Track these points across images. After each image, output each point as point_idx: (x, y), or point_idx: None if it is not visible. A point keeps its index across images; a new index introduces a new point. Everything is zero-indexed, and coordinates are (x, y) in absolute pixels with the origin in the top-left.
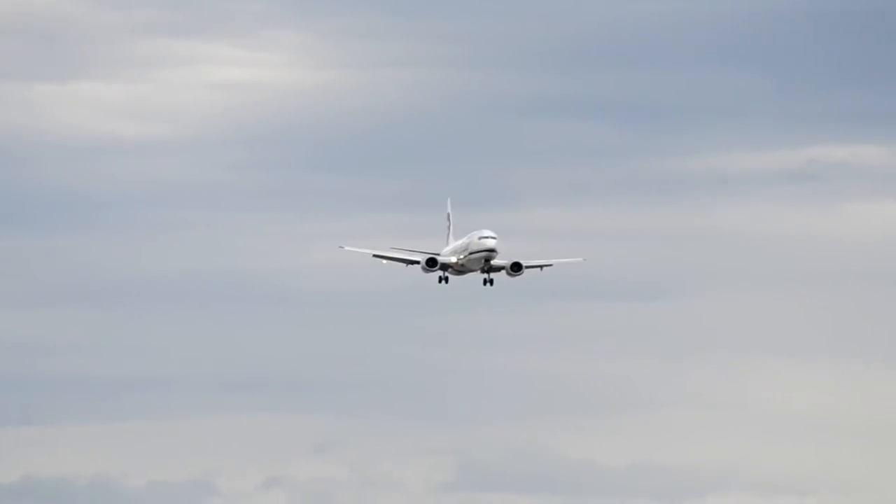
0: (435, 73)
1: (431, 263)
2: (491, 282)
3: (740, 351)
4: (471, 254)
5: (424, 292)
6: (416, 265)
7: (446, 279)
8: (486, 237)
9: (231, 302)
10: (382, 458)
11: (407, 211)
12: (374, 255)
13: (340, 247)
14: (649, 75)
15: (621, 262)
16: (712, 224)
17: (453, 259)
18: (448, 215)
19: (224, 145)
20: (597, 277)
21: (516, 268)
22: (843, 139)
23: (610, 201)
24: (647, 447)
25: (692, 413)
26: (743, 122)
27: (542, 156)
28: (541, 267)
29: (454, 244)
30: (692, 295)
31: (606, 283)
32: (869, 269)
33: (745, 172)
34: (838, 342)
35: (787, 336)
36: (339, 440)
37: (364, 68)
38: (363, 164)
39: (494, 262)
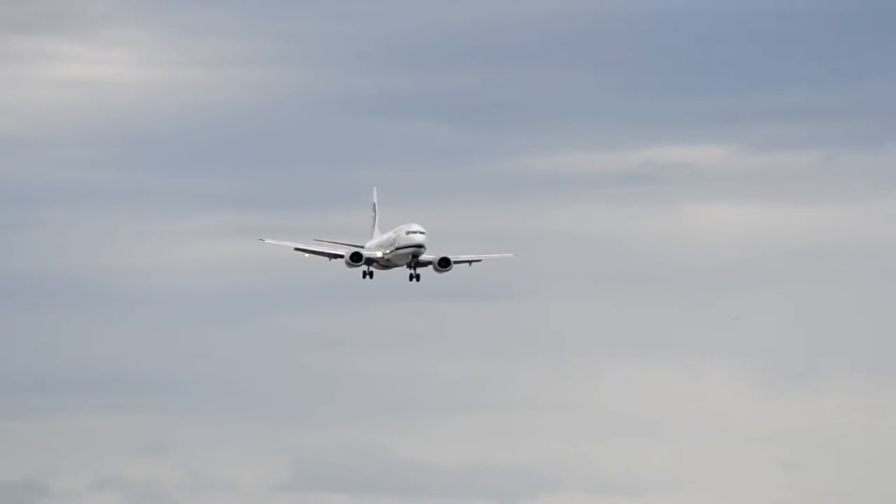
0: (276, 71)
1: (356, 258)
2: (417, 277)
3: (576, 352)
4: (398, 249)
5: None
6: (339, 259)
7: (371, 274)
8: (414, 232)
9: (69, 301)
10: (218, 459)
11: (248, 210)
12: (296, 249)
13: (261, 239)
14: (486, 75)
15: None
16: (549, 225)
17: (379, 254)
18: (373, 205)
19: (66, 142)
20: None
21: (444, 263)
22: (680, 140)
23: (448, 201)
24: (483, 447)
25: (527, 413)
26: (580, 122)
27: (381, 155)
28: (469, 262)
29: (379, 238)
30: (528, 296)
31: (441, 285)
32: (705, 270)
33: (582, 173)
34: (672, 343)
35: (623, 337)
36: (174, 441)
37: (206, 66)
38: (204, 162)
39: (422, 257)
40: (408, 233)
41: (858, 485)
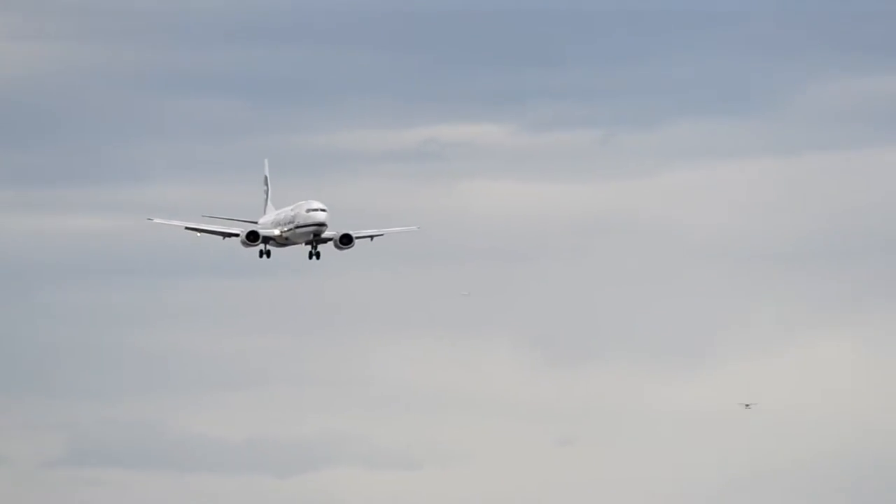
0: (57, 46)
1: (252, 237)
2: (317, 255)
3: (353, 328)
4: (297, 227)
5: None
6: (234, 238)
7: (268, 253)
8: (316, 209)
9: None
10: None
11: (33, 186)
12: (187, 228)
13: (149, 219)
14: (268, 52)
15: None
16: (329, 200)
17: (276, 231)
18: (266, 178)
19: None
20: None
21: (346, 240)
22: (461, 118)
23: (230, 177)
24: (259, 423)
25: (304, 389)
26: (360, 99)
27: (165, 131)
28: (371, 237)
29: (276, 214)
30: (308, 273)
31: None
32: (487, 246)
33: (363, 150)
34: (452, 319)
35: (403, 314)
36: None
37: None
38: None
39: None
40: (308, 210)
41: (634, 461)
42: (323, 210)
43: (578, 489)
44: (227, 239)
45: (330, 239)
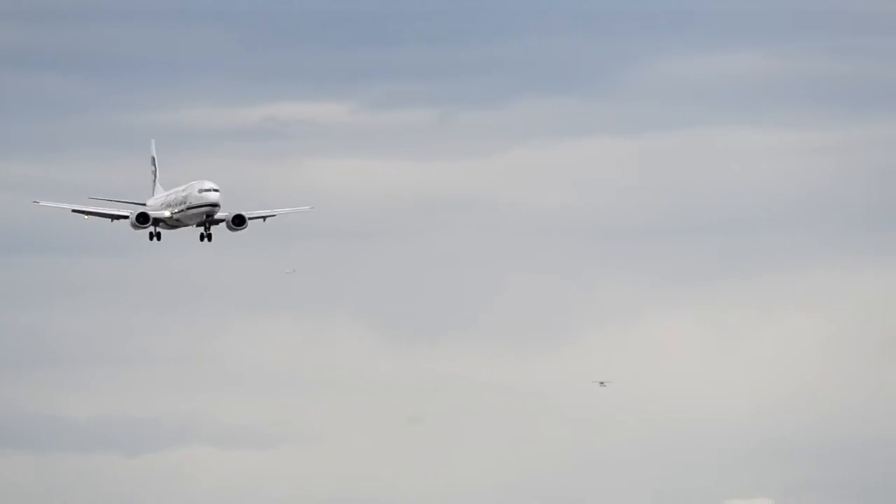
0: None
1: (142, 219)
2: (209, 237)
3: (203, 306)
4: (189, 208)
5: None
6: (123, 220)
7: (158, 235)
8: (208, 190)
9: None
10: None
11: None
12: (74, 210)
13: (35, 202)
14: (112, 29)
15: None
16: (169, 178)
17: (167, 213)
18: (153, 159)
19: None
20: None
21: (239, 221)
22: (301, 96)
23: (79, 155)
24: (112, 401)
25: (154, 367)
26: (201, 77)
27: (10, 108)
28: (264, 218)
29: (165, 196)
30: (156, 252)
31: (60, 239)
32: (328, 225)
33: (204, 128)
34: (299, 297)
35: (249, 292)
36: None
37: None
38: None
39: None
40: (200, 191)
41: (484, 438)
42: (216, 190)
43: (429, 467)
44: (115, 221)
45: (222, 220)
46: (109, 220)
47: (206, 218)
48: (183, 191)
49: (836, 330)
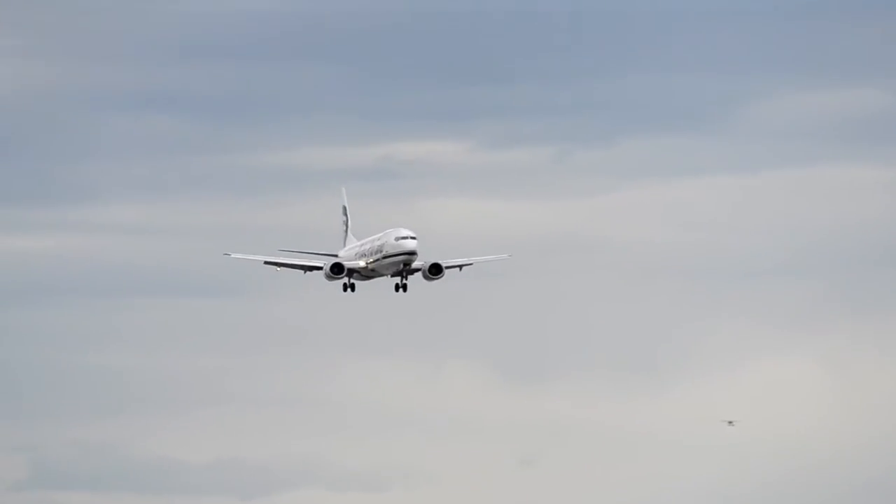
0: (12, 63)
1: (337, 270)
2: (405, 287)
3: (315, 349)
4: (385, 257)
5: None
6: (316, 271)
7: (352, 287)
8: (405, 237)
9: None
10: None
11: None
12: (266, 263)
13: (226, 254)
14: (225, 70)
15: (201, 258)
16: (288, 220)
17: (362, 263)
18: (344, 208)
19: None
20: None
21: (436, 270)
22: (417, 136)
23: (188, 196)
24: (226, 444)
25: (268, 410)
26: (317, 116)
27: (116, 150)
28: (460, 267)
29: (358, 245)
30: (270, 292)
31: (190, 278)
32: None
33: (320, 168)
34: (412, 340)
35: (362, 334)
36: None
37: None
38: None
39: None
40: (397, 239)
41: (594, 480)
42: (413, 238)
43: None
44: (307, 273)
45: (418, 270)
46: (302, 271)
47: (402, 267)
48: (378, 239)
49: None
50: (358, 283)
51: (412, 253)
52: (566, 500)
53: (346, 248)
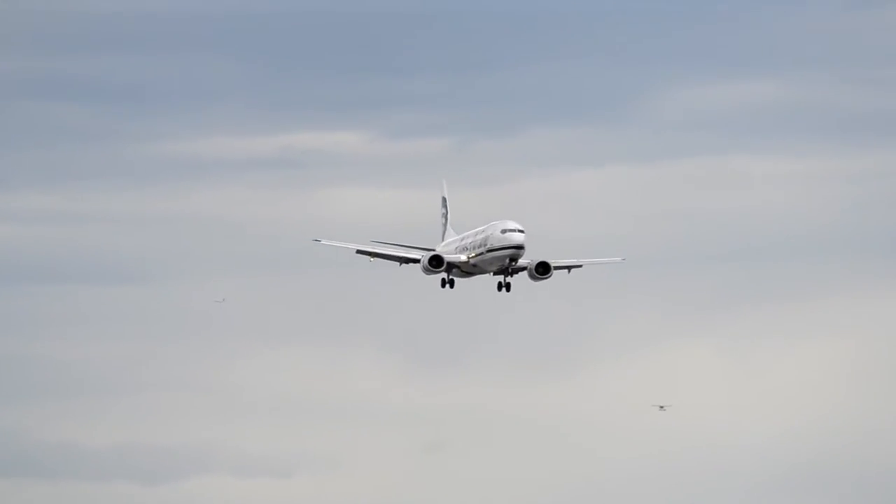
0: None
1: (436, 263)
2: (507, 286)
3: (218, 335)
4: (489, 251)
5: None
6: (413, 263)
7: (451, 282)
8: (512, 230)
9: None
10: None
11: None
12: (359, 252)
13: (316, 240)
14: (130, 59)
15: (103, 245)
16: (190, 209)
17: (463, 257)
18: (443, 200)
19: None
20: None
21: (543, 269)
22: (318, 126)
23: (90, 185)
24: (128, 429)
25: (171, 395)
26: (220, 107)
27: (21, 137)
28: (569, 268)
29: (459, 238)
30: (170, 279)
31: (89, 266)
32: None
33: (223, 157)
34: (313, 326)
35: (265, 321)
36: None
37: None
38: None
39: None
40: (503, 231)
41: (497, 466)
42: (521, 231)
43: (445, 495)
44: (403, 265)
45: (524, 268)
46: (398, 263)
47: (508, 262)
48: (482, 232)
49: (857, 357)
50: (457, 280)
51: (519, 247)
52: (477, 485)
53: (445, 242)
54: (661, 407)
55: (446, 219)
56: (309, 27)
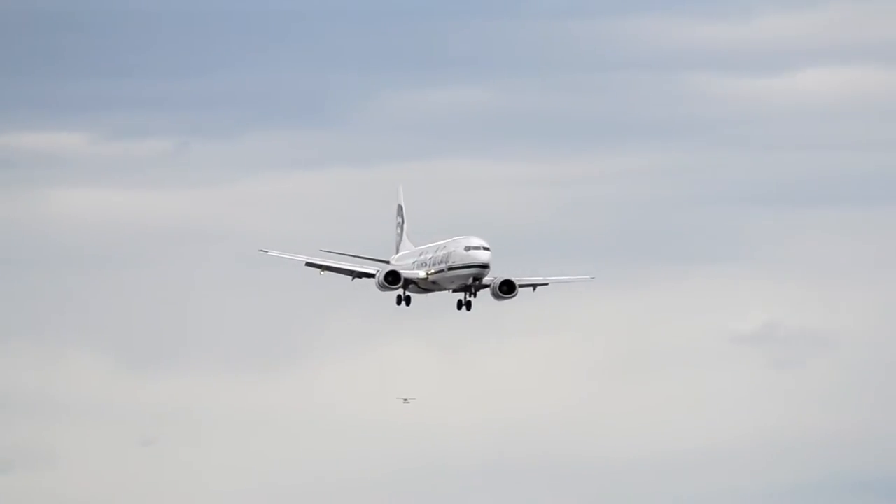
0: None
1: (392, 279)
2: (468, 305)
3: None
4: (450, 269)
5: None
6: (367, 278)
7: (407, 300)
8: (476, 248)
9: None
10: None
11: None
12: (308, 264)
13: (262, 251)
14: None
15: None
16: None
17: (422, 273)
18: (400, 208)
19: None
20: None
21: (508, 288)
22: (38, 127)
23: None
24: None
25: None
26: None
27: None
28: (534, 286)
29: (417, 251)
30: None
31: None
32: (74, 254)
33: None
34: (37, 326)
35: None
36: None
37: None
38: None
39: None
40: (467, 248)
41: (210, 459)
42: (486, 248)
43: (162, 489)
44: (355, 280)
45: (486, 286)
46: (350, 277)
47: (471, 282)
48: (444, 247)
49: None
50: (413, 297)
51: (484, 266)
52: (192, 480)
53: (399, 254)
54: (406, 400)
55: (402, 228)
56: (27, 26)
